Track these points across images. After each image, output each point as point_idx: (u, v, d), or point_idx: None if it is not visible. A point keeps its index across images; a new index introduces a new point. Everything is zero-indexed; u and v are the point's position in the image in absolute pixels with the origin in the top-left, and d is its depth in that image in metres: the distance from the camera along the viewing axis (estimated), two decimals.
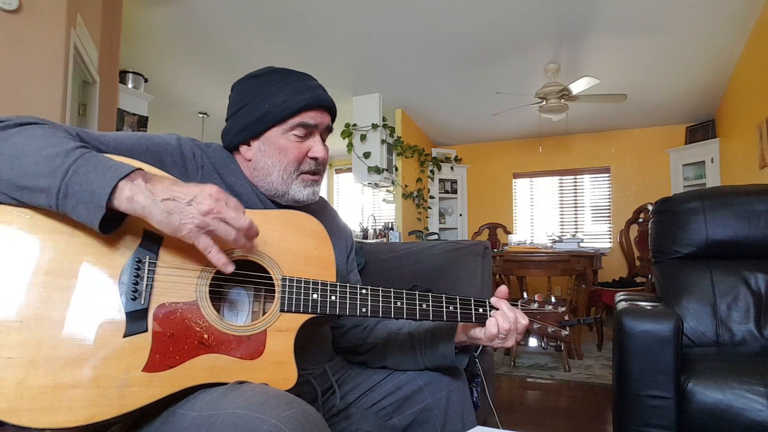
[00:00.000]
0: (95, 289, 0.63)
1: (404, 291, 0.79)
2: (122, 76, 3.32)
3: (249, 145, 0.86)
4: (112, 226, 0.62)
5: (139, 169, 0.62)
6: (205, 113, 5.32)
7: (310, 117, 0.84)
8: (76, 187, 0.58)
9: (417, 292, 0.80)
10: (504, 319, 0.81)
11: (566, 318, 0.88)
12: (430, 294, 0.81)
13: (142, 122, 3.37)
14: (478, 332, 0.85)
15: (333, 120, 0.91)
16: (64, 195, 0.58)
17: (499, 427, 1.29)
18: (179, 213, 0.60)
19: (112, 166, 0.60)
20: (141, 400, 0.61)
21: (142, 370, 0.62)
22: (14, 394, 0.56)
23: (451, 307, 0.81)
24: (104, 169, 0.59)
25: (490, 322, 0.82)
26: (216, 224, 0.62)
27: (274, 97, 0.83)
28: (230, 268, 0.66)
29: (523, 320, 0.82)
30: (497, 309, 0.83)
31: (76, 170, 0.58)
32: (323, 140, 0.89)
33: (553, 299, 0.89)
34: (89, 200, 0.58)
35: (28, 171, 0.59)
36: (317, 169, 0.88)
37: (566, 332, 0.87)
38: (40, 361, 0.58)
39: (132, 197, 0.59)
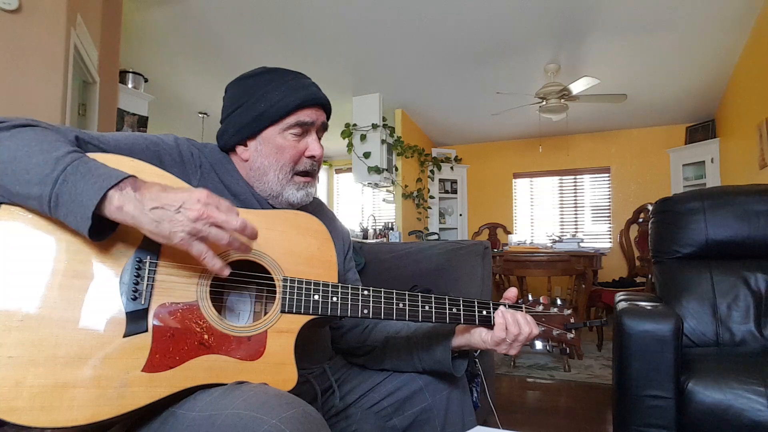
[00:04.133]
0: (96, 289, 0.63)
1: (406, 292, 0.79)
2: (122, 76, 3.32)
3: (246, 146, 0.86)
4: (107, 231, 0.62)
5: (131, 176, 0.61)
6: (205, 113, 5.32)
7: (306, 115, 0.84)
8: (65, 197, 0.58)
9: (419, 294, 0.79)
10: (514, 324, 0.80)
11: (572, 321, 0.86)
12: (432, 296, 0.80)
13: (142, 122, 3.37)
14: (485, 335, 0.83)
15: (328, 117, 0.91)
16: (55, 204, 0.58)
17: (499, 427, 1.29)
18: (169, 221, 0.59)
19: (101, 175, 0.60)
20: (141, 401, 0.61)
21: (142, 371, 0.62)
22: (14, 393, 0.56)
23: (454, 309, 0.81)
24: (94, 179, 0.59)
25: (499, 326, 0.80)
26: (207, 230, 0.61)
27: (269, 97, 0.83)
28: (226, 272, 0.65)
29: (536, 331, 0.82)
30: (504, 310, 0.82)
31: (66, 179, 0.58)
32: (319, 138, 0.89)
33: (558, 301, 0.88)
34: (78, 210, 0.58)
35: (20, 178, 0.58)
36: (312, 169, 0.88)
37: (571, 335, 0.86)
38: (41, 360, 0.58)
39: (121, 207, 0.59)
